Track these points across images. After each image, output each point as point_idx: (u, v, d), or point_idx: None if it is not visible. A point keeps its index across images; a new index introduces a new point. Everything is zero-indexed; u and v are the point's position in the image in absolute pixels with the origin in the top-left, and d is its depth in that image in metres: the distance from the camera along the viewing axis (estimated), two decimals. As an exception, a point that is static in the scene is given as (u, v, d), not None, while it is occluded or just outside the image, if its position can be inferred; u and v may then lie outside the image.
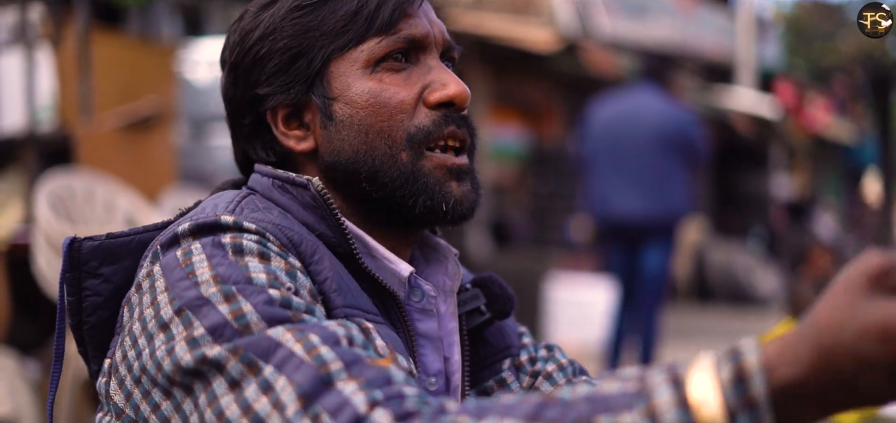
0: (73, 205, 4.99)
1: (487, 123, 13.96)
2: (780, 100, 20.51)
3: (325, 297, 1.48)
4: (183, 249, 1.45)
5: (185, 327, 1.36)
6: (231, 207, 1.55)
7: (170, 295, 1.40)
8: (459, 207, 1.65)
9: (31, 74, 5.83)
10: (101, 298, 1.56)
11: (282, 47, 1.65)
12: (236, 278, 1.38)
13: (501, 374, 1.82)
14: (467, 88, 1.69)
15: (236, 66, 1.70)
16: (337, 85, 1.64)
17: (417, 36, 1.67)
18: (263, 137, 1.71)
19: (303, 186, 1.61)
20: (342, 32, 1.64)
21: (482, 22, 12.81)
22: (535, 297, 10.21)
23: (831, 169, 31.41)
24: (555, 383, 1.83)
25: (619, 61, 14.48)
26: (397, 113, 1.63)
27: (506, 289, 1.83)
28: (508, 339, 1.86)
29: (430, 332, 1.68)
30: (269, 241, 1.47)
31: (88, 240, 1.56)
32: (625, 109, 7.97)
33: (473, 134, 1.71)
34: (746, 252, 17.19)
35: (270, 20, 1.66)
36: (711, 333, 12.40)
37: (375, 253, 1.65)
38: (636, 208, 7.84)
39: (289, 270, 1.44)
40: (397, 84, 1.64)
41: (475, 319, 1.80)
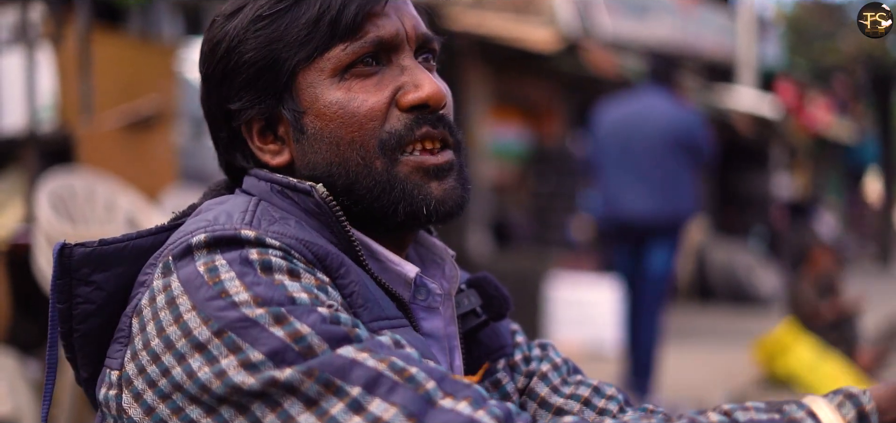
0: (73, 204, 4.99)
1: (488, 123, 13.96)
2: (781, 99, 20.50)
3: (353, 312, 1.47)
4: (205, 264, 1.42)
5: (232, 350, 1.35)
6: (247, 218, 1.51)
7: (201, 315, 1.37)
8: (442, 206, 1.60)
9: (31, 73, 5.83)
10: (94, 305, 1.51)
11: (248, 60, 1.60)
12: (280, 300, 1.37)
13: (496, 374, 1.79)
14: (443, 86, 1.64)
15: (208, 78, 1.66)
16: (306, 97, 1.59)
17: (385, 37, 1.60)
18: (242, 148, 1.67)
19: (306, 193, 1.57)
20: (306, 42, 1.58)
21: (483, 21, 12.80)
22: (536, 296, 10.21)
23: (832, 168, 31.41)
24: (550, 383, 1.81)
25: (620, 61, 14.47)
26: (368, 121, 1.58)
27: (501, 290, 1.80)
28: (502, 339, 1.83)
29: (436, 330, 1.66)
30: (294, 257, 1.44)
31: (80, 246, 1.51)
32: (634, 111, 8.02)
33: (453, 131, 1.66)
34: (747, 252, 17.19)
35: (235, 31, 1.60)
36: (712, 332, 12.41)
37: (380, 256, 1.61)
38: (645, 208, 7.88)
39: (320, 285, 1.43)
40: (367, 90, 1.59)
41: (470, 321, 1.78)
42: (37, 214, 4.85)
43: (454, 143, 1.66)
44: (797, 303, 10.20)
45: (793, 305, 10.32)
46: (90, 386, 1.56)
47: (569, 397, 1.80)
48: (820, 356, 9.07)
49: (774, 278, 16.24)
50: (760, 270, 16.26)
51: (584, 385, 1.81)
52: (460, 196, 1.64)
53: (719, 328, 12.88)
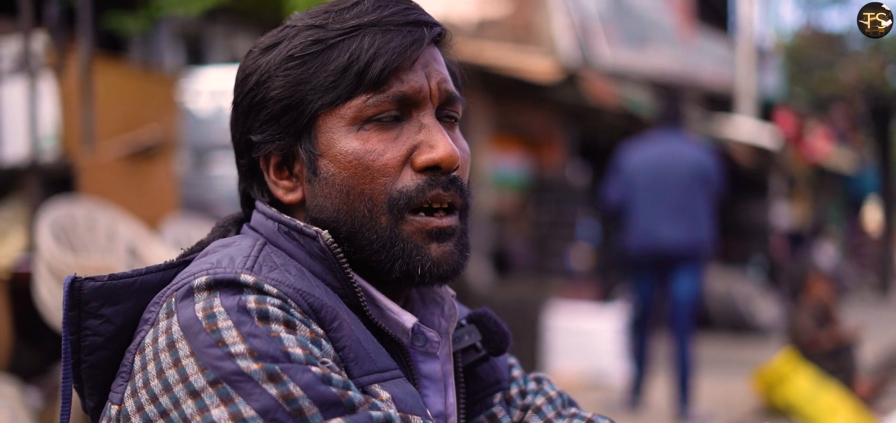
0: (75, 234, 5.01)
1: (488, 152, 13.99)
2: (781, 129, 20.52)
3: (344, 364, 1.49)
4: (203, 309, 1.44)
5: (224, 401, 1.38)
6: (249, 263, 1.53)
7: (198, 362, 1.40)
8: (436, 269, 1.61)
9: (33, 103, 5.85)
10: (102, 338, 1.54)
11: (274, 97, 1.62)
12: (275, 354, 1.39)
13: (492, 409, 1.81)
14: (458, 150, 1.65)
15: (236, 106, 1.69)
16: (323, 141, 1.61)
17: (408, 93, 1.62)
18: (259, 179, 1.70)
19: (311, 238, 1.60)
20: (332, 88, 1.60)
21: (483, 51, 12.84)
22: (536, 325, 10.21)
23: (832, 198, 31.40)
24: (544, 417, 1.83)
25: (619, 91, 14.50)
26: (380, 175, 1.59)
27: (501, 326, 1.81)
28: (499, 373, 1.85)
29: (433, 374, 1.68)
30: (291, 307, 1.46)
31: (90, 280, 1.54)
32: (660, 153, 8.92)
33: (465, 195, 1.67)
34: (747, 281, 17.18)
35: (267, 66, 1.64)
36: (711, 362, 12.39)
37: (380, 304, 1.63)
38: (678, 238, 8.75)
39: (314, 338, 1.45)
40: (383, 143, 1.60)
41: (470, 356, 1.79)
42: (38, 243, 4.87)
43: (462, 206, 1.67)
44: (796, 332, 10.20)
45: (791, 334, 10.33)
46: (96, 416, 1.59)
47: None
48: (818, 385, 9.07)
49: (773, 308, 16.23)
50: (760, 299, 16.24)
51: (578, 418, 1.82)
52: (457, 262, 1.65)
53: (718, 358, 12.86)
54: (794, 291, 15.00)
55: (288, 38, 1.64)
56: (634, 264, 9.15)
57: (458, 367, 1.76)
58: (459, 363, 1.77)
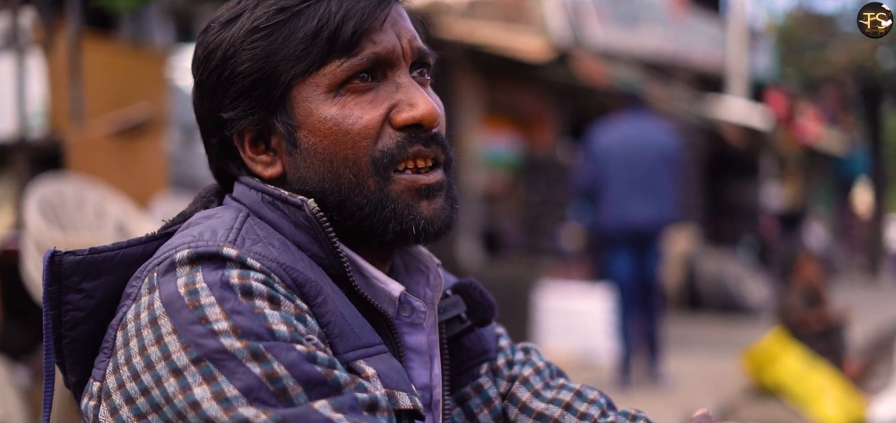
0: (63, 211, 4.98)
1: (479, 132, 13.98)
2: (772, 110, 20.55)
3: (328, 340, 1.47)
4: (185, 284, 1.42)
5: (207, 380, 1.36)
6: (231, 235, 1.51)
7: (181, 340, 1.38)
8: (430, 226, 1.60)
9: (22, 80, 5.83)
10: (83, 313, 1.51)
11: (243, 71, 1.58)
12: (259, 332, 1.37)
13: (479, 379, 1.79)
14: (437, 106, 1.64)
15: (201, 84, 1.64)
16: (300, 111, 1.59)
17: (381, 53, 1.59)
18: (234, 157, 1.66)
19: (296, 207, 1.57)
20: (303, 56, 1.57)
21: (474, 30, 12.82)
22: (527, 305, 10.21)
23: (822, 179, 31.48)
24: (531, 387, 1.81)
25: (611, 70, 14.49)
26: (361, 139, 1.57)
27: (486, 296, 1.79)
28: (486, 344, 1.83)
29: (419, 345, 1.66)
30: (275, 282, 1.44)
31: (70, 254, 1.51)
32: (630, 134, 9.26)
33: (446, 149, 1.65)
34: (737, 262, 17.20)
35: (231, 40, 1.59)
36: (701, 342, 12.42)
37: (365, 273, 1.61)
38: (649, 215, 9.15)
39: (299, 314, 1.43)
40: (361, 107, 1.58)
41: (455, 326, 1.77)
42: (26, 220, 4.84)
43: (445, 161, 1.65)
44: (785, 313, 10.22)
45: (781, 315, 10.34)
46: (78, 391, 1.56)
47: (550, 401, 1.79)
48: (808, 366, 9.09)
49: (763, 288, 16.27)
50: (750, 280, 16.28)
51: (567, 389, 1.81)
52: (448, 216, 1.63)
53: (708, 338, 12.88)
54: (784, 272, 15.02)
55: (249, 8, 1.60)
56: (610, 242, 9.47)
57: (442, 337, 1.74)
58: (444, 333, 1.75)
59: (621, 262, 9.31)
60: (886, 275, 28.70)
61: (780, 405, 8.99)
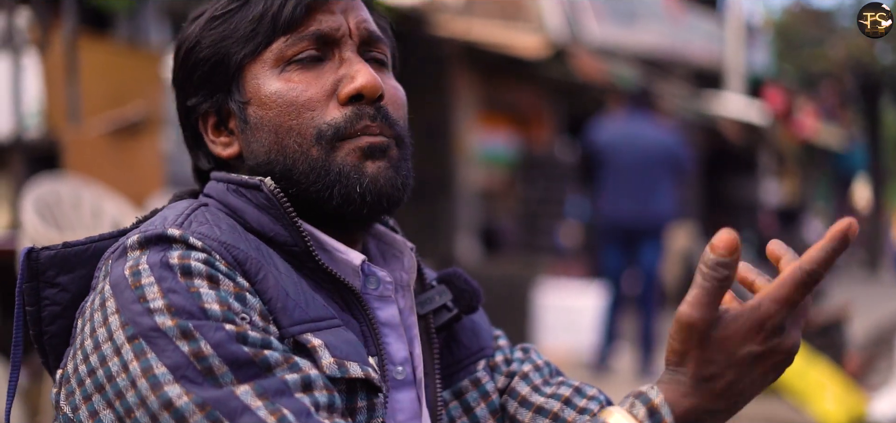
0: (59, 211, 4.97)
1: (476, 129, 13.97)
2: (770, 106, 20.55)
3: (272, 316, 1.49)
4: (130, 265, 1.45)
5: (138, 356, 1.38)
6: (179, 219, 1.55)
7: (122, 318, 1.41)
8: (374, 185, 1.62)
9: (17, 79, 5.81)
10: (60, 307, 1.57)
11: (203, 57, 1.68)
12: (191, 310, 1.39)
13: (476, 374, 1.82)
14: (378, 79, 1.66)
15: (174, 80, 1.74)
16: (250, 88, 1.66)
17: (325, 31, 1.66)
18: (203, 147, 1.74)
19: (256, 188, 1.62)
20: (252, 37, 1.65)
21: (471, 28, 12.82)
22: (524, 303, 10.21)
23: (820, 175, 31.51)
24: (531, 382, 1.83)
25: (608, 67, 14.49)
26: (306, 110, 1.63)
27: (471, 283, 1.83)
28: (483, 340, 1.86)
29: (391, 319, 1.68)
30: (216, 260, 1.47)
31: (45, 250, 1.56)
32: (628, 132, 9.48)
33: (392, 124, 1.68)
34: (736, 258, 17.19)
35: (193, 32, 1.70)
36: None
37: (328, 247, 1.64)
38: (639, 213, 9.36)
39: (238, 293, 1.46)
40: (306, 81, 1.64)
41: (442, 316, 1.80)
42: (22, 220, 4.83)
43: (395, 136, 1.68)
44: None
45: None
46: None
47: (549, 396, 1.81)
48: (808, 361, 9.08)
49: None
50: (749, 276, 16.27)
51: (566, 386, 1.83)
52: (394, 178, 1.65)
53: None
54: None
55: (212, 4, 1.71)
56: (603, 236, 9.79)
57: (430, 328, 1.78)
58: (431, 323, 1.78)
59: (611, 256, 9.61)
60: (886, 270, 28.71)
61: (779, 401, 8.98)
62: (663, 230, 9.77)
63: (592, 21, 15.65)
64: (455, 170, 12.94)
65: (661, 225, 9.64)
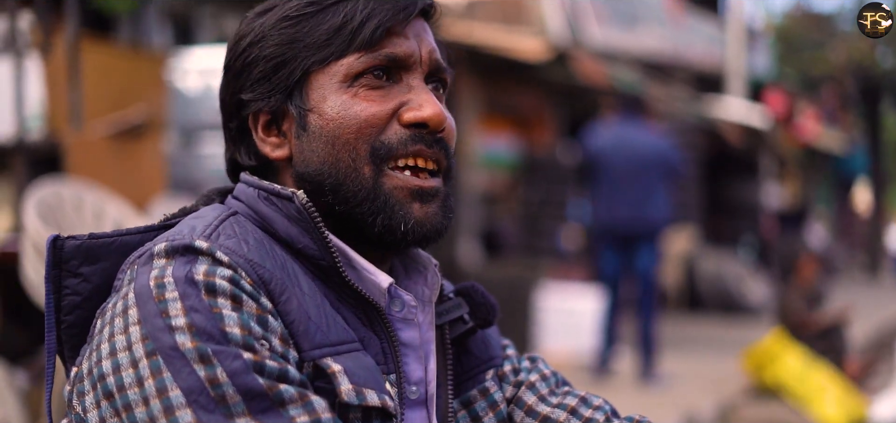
0: (62, 214, 4.97)
1: (478, 132, 13.96)
2: (771, 109, 20.54)
3: (294, 339, 1.49)
4: (155, 277, 1.45)
5: (155, 374, 1.38)
6: (208, 230, 1.54)
7: (143, 330, 1.41)
8: (419, 228, 1.63)
9: (20, 82, 5.82)
10: (80, 297, 1.56)
11: (267, 55, 1.65)
12: (212, 332, 1.39)
13: (485, 384, 1.82)
14: (446, 114, 1.68)
15: (228, 69, 1.71)
16: (314, 97, 1.64)
17: (399, 55, 1.66)
18: (247, 141, 1.71)
19: (288, 199, 1.61)
20: (324, 46, 1.64)
21: (473, 31, 12.81)
22: (526, 306, 10.20)
23: (822, 178, 31.47)
24: (537, 392, 1.84)
25: (609, 71, 14.49)
26: (366, 127, 1.62)
27: (488, 298, 1.83)
28: (492, 350, 1.86)
29: (412, 341, 1.68)
30: (241, 279, 1.47)
31: (71, 239, 1.55)
32: (622, 138, 9.53)
33: (448, 155, 1.69)
34: (737, 261, 17.20)
35: (261, 27, 1.67)
36: (702, 342, 12.41)
37: (356, 264, 1.63)
38: (634, 217, 9.42)
39: (260, 316, 1.45)
40: (371, 100, 1.63)
41: (458, 328, 1.81)
42: (25, 223, 4.83)
43: (447, 168, 1.70)
44: (785, 313, 10.21)
45: (781, 314, 10.34)
46: None
47: (556, 406, 1.82)
48: (808, 365, 9.08)
49: (764, 288, 16.26)
50: (750, 279, 16.27)
51: (572, 395, 1.84)
52: (440, 223, 1.67)
53: (708, 338, 12.88)
54: (784, 271, 15.02)
55: (283, 3, 1.68)
56: (599, 240, 9.90)
57: (445, 339, 1.78)
58: (447, 334, 1.79)
59: (608, 260, 9.67)
60: (886, 274, 28.70)
61: (780, 404, 8.98)
62: (659, 234, 9.83)
63: (594, 24, 15.65)
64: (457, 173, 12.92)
65: (657, 229, 9.70)
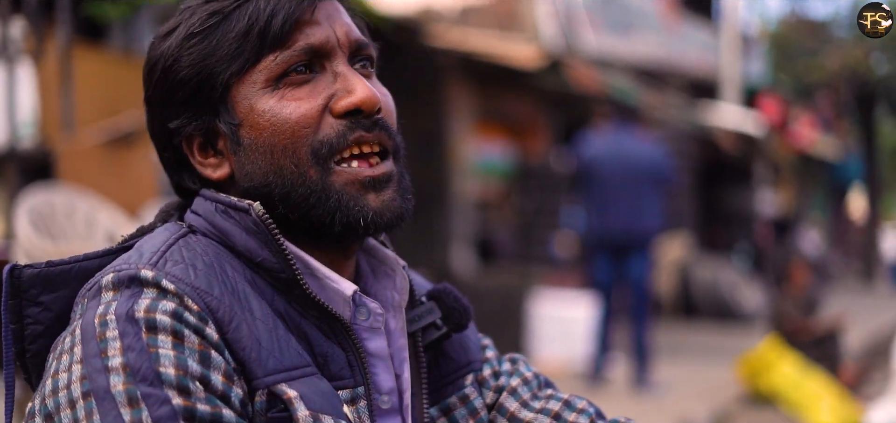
0: (53, 221, 4.96)
1: (472, 140, 13.96)
2: (765, 116, 20.57)
3: (245, 366, 1.46)
4: (100, 314, 1.42)
5: (88, 416, 1.36)
6: (155, 257, 1.51)
7: (83, 370, 1.39)
8: (380, 218, 1.59)
9: (12, 89, 5.80)
10: (42, 326, 1.53)
11: (183, 78, 1.60)
12: (145, 374, 1.36)
13: (464, 390, 1.77)
14: (379, 93, 1.63)
15: (149, 100, 1.66)
16: (241, 109, 1.59)
17: (315, 44, 1.60)
18: (188, 167, 1.67)
19: (244, 211, 1.57)
20: (237, 55, 1.58)
21: (466, 38, 12.81)
22: (520, 313, 10.21)
23: (816, 185, 31.51)
24: (519, 397, 1.80)
25: (603, 78, 14.49)
26: (300, 128, 1.57)
27: (461, 301, 1.78)
28: (470, 354, 1.81)
29: (380, 350, 1.64)
30: (186, 310, 1.43)
31: (29, 267, 1.52)
32: (614, 148, 9.63)
33: (391, 134, 1.64)
34: (731, 268, 17.21)
35: (169, 51, 1.61)
36: (696, 349, 12.41)
37: (317, 273, 1.60)
38: (627, 227, 9.50)
39: (202, 351, 1.42)
40: (299, 98, 1.58)
41: (431, 333, 1.75)
42: (16, 230, 4.82)
43: (392, 147, 1.65)
44: (780, 320, 10.21)
45: (776, 321, 10.33)
46: None
47: (539, 411, 1.78)
48: (803, 372, 9.08)
49: (758, 295, 16.26)
50: (744, 286, 16.28)
51: (555, 399, 1.79)
52: (400, 207, 1.62)
53: (703, 345, 12.88)
54: (779, 278, 15.03)
55: (185, 20, 1.62)
56: (593, 248, 9.93)
57: (417, 344, 1.73)
58: (420, 341, 1.74)
59: (601, 268, 9.72)
60: (882, 281, 28.73)
61: (775, 412, 8.98)
62: (651, 243, 9.90)
63: (588, 31, 15.65)
64: (450, 180, 12.93)
65: (649, 238, 9.77)
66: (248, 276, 1.56)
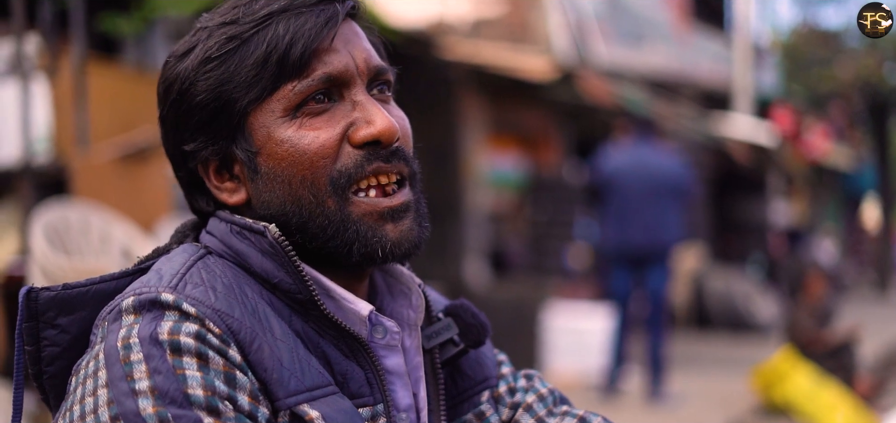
0: (68, 236, 4.98)
1: (485, 152, 13.96)
2: (778, 127, 20.51)
3: (267, 387, 1.46)
4: (122, 337, 1.42)
5: None
6: (175, 280, 1.51)
7: (109, 394, 1.39)
8: (398, 248, 1.59)
9: (26, 105, 5.82)
10: (59, 348, 1.53)
11: (200, 102, 1.59)
12: (174, 396, 1.37)
13: (480, 406, 1.78)
14: (397, 122, 1.62)
15: (163, 120, 1.66)
16: (258, 137, 1.58)
17: (334, 73, 1.59)
18: (202, 188, 1.67)
19: (260, 233, 1.57)
20: (255, 82, 1.57)
21: (479, 50, 12.81)
22: (533, 325, 10.21)
23: (830, 196, 31.42)
24: (535, 414, 1.80)
25: (616, 89, 14.48)
26: (319, 159, 1.56)
27: (478, 317, 1.78)
28: (487, 370, 1.81)
29: (397, 367, 1.64)
30: (207, 334, 1.44)
31: (45, 290, 1.53)
32: (634, 161, 9.70)
33: (409, 163, 1.64)
34: (745, 279, 17.16)
35: (185, 73, 1.60)
36: (710, 360, 12.38)
37: (334, 294, 1.60)
38: (646, 239, 9.54)
39: (227, 372, 1.43)
40: (318, 128, 1.57)
41: (448, 350, 1.75)
42: (32, 246, 4.84)
43: (409, 174, 1.64)
44: (795, 331, 10.19)
45: (790, 332, 10.31)
46: None
47: None
48: (818, 383, 9.05)
49: (772, 306, 16.21)
50: (758, 297, 16.22)
51: (570, 416, 1.79)
52: (417, 236, 1.62)
53: (717, 356, 12.84)
54: (793, 289, 14.98)
55: (202, 41, 1.61)
56: (611, 260, 9.94)
57: (434, 361, 1.73)
58: (437, 357, 1.74)
59: (619, 280, 9.77)
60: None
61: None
62: (670, 255, 9.93)
63: (600, 43, 15.64)
64: (463, 192, 12.93)
65: (669, 250, 9.81)
66: (265, 296, 1.56)
